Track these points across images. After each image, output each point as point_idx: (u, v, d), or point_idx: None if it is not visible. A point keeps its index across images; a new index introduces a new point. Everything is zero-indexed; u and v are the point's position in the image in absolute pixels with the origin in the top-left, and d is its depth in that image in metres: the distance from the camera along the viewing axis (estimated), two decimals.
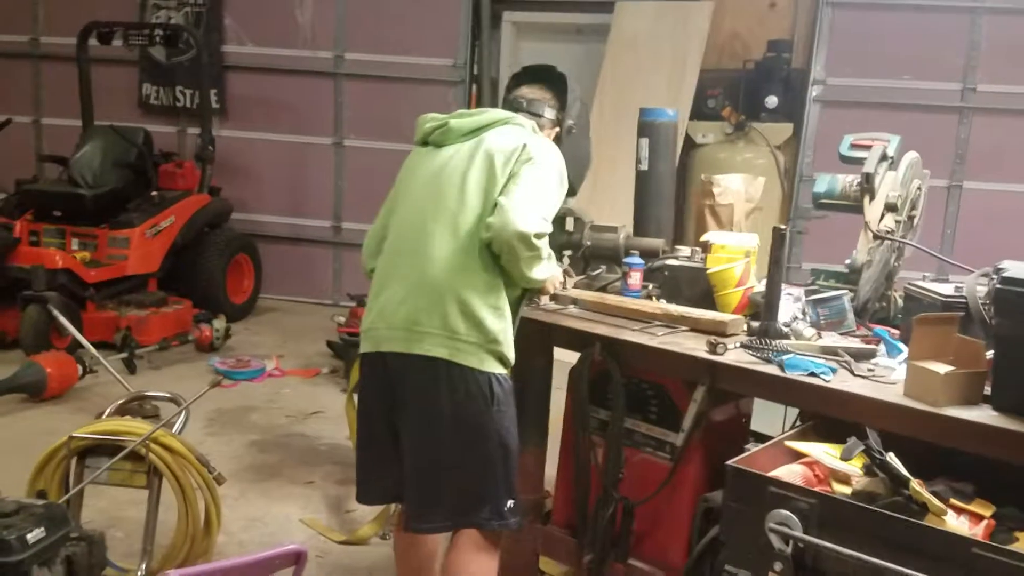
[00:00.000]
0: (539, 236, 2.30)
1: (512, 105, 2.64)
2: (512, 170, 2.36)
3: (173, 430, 3.03)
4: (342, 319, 5.58)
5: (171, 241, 6.33)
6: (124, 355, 5.30)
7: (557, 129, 2.65)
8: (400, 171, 2.59)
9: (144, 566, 2.88)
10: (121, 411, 3.23)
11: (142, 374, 5.31)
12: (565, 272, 2.86)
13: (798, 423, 2.57)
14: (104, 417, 3.09)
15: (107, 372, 4.59)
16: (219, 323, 6.04)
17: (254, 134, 7.65)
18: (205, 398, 3.24)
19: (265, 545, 3.36)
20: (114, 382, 4.58)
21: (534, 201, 2.33)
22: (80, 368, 4.92)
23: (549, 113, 2.66)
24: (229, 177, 7.35)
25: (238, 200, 7.36)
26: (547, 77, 2.73)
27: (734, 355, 2.33)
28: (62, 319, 4.93)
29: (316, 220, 7.73)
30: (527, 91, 2.69)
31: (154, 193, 6.38)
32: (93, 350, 4.50)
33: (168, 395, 3.30)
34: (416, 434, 2.37)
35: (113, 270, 5.93)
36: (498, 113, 2.54)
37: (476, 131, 2.47)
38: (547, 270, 2.44)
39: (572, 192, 2.83)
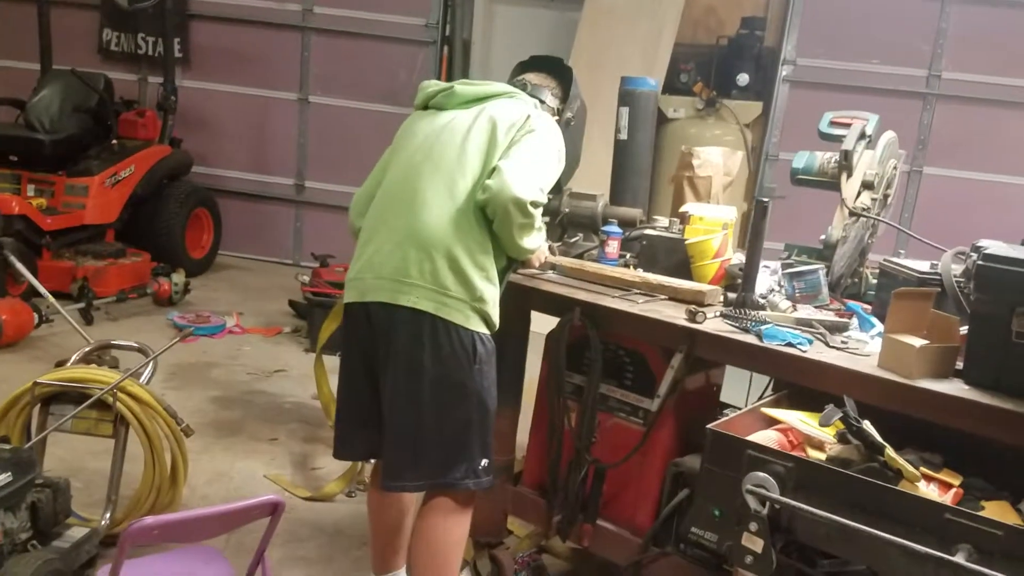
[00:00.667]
0: (535, 204, 2.31)
1: (515, 86, 2.64)
2: (514, 138, 2.37)
3: (140, 380, 2.99)
4: (306, 278, 5.53)
5: (130, 191, 6.21)
6: (81, 305, 5.21)
7: (556, 119, 2.66)
8: (397, 132, 2.58)
9: (108, 515, 2.84)
10: (85, 359, 3.16)
11: (99, 325, 5.22)
12: (551, 248, 2.88)
13: (768, 393, 2.64)
14: (69, 365, 3.02)
15: (63, 322, 4.48)
16: (178, 277, 5.96)
17: (217, 86, 7.52)
18: (165, 352, 3.19)
19: (230, 499, 3.35)
20: (70, 332, 4.48)
21: (533, 170, 2.34)
22: (36, 316, 4.82)
23: (551, 100, 2.68)
24: (190, 129, 7.23)
25: (199, 153, 7.24)
26: (554, 67, 2.76)
27: (713, 324, 2.36)
28: (19, 265, 4.81)
29: (278, 177, 7.64)
30: (532, 76, 2.71)
31: (114, 142, 6.25)
32: (51, 298, 4.40)
33: (136, 345, 3.24)
34: (396, 390, 2.36)
35: (70, 218, 5.80)
36: (503, 86, 2.56)
37: (480, 99, 2.48)
38: (537, 240, 2.45)
39: (558, 188, 2.85)
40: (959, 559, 1.63)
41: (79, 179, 5.90)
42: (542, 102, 2.64)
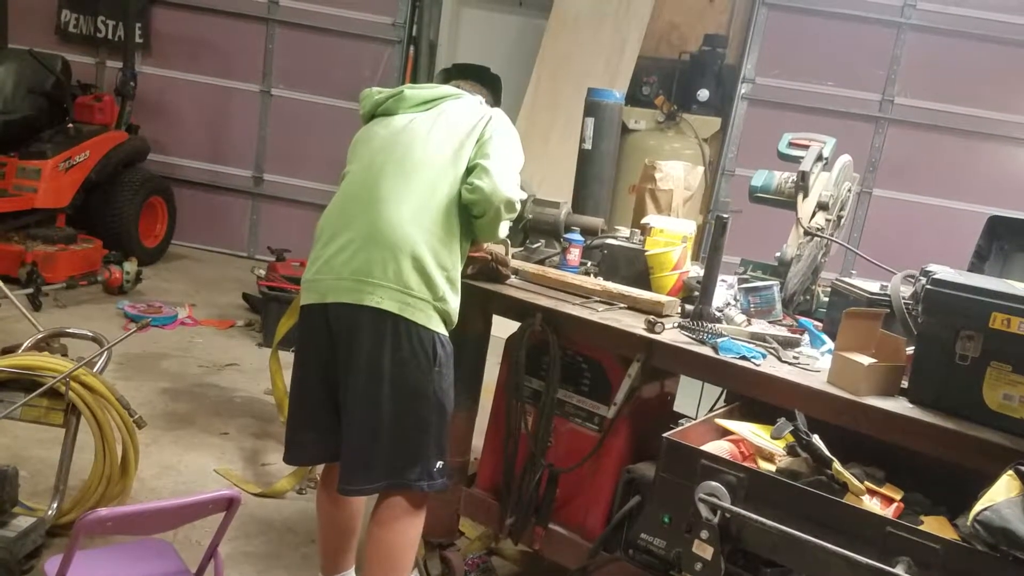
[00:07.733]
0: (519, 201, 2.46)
1: None
2: (482, 138, 2.42)
3: (94, 370, 2.95)
4: (262, 272, 5.49)
5: (84, 177, 6.09)
6: (29, 291, 5.10)
7: None
8: (351, 147, 2.57)
9: (56, 505, 2.80)
10: (37, 347, 3.11)
11: (47, 312, 5.12)
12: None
13: (720, 404, 2.70)
14: (20, 352, 2.97)
15: (9, 307, 4.37)
16: (130, 266, 5.87)
17: (178, 73, 7.42)
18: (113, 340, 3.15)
19: (179, 493, 3.32)
20: (17, 317, 4.38)
21: (512, 169, 2.44)
22: None
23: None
24: (148, 116, 7.13)
25: (156, 140, 7.14)
26: (481, 76, 2.81)
27: (670, 335, 2.42)
28: None
29: (236, 169, 7.56)
30: (464, 84, 2.74)
31: (70, 125, 6.12)
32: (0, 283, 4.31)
33: (90, 334, 3.19)
34: (356, 392, 2.35)
35: (21, 201, 5.68)
36: (450, 88, 2.61)
37: (433, 101, 2.52)
38: (507, 228, 2.57)
39: None
40: (899, 571, 1.69)
41: (32, 162, 5.78)
42: None
